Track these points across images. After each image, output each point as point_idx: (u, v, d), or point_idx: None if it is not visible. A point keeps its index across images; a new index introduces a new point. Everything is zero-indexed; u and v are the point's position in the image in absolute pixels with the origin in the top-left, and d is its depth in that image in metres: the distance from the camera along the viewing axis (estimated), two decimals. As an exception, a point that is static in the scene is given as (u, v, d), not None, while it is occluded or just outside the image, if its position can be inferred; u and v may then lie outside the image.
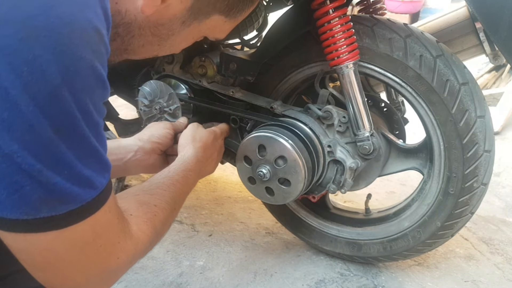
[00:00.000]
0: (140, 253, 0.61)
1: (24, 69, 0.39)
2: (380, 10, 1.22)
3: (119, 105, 1.61)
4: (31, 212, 0.44)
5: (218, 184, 1.80)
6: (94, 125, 0.46)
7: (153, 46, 0.63)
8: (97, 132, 0.47)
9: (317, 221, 1.26)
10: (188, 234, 1.41)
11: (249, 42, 1.37)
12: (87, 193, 0.47)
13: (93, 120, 0.46)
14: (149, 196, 0.69)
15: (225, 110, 1.15)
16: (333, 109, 1.02)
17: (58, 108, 0.42)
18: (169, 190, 0.75)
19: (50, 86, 0.40)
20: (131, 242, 0.58)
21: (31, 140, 0.41)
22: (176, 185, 0.78)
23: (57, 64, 0.40)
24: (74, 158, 0.44)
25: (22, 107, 0.40)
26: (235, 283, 1.17)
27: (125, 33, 0.58)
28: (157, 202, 0.69)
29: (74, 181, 0.45)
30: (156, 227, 0.65)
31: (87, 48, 0.43)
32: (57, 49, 0.40)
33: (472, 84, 0.94)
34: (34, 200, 0.43)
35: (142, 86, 1.20)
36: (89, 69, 0.44)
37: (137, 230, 0.60)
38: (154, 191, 0.72)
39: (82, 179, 0.46)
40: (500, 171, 1.96)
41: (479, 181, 0.98)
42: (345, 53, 0.93)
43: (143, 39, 0.60)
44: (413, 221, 1.09)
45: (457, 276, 1.23)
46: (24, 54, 0.39)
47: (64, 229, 0.47)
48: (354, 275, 1.21)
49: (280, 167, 0.98)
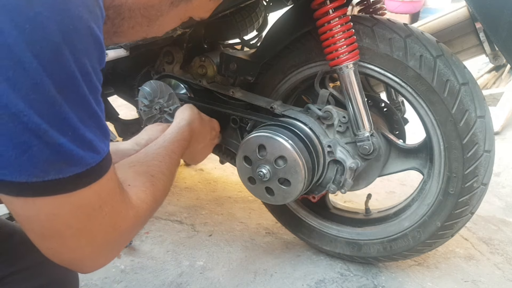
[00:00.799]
0: (141, 222, 0.62)
1: (26, 26, 0.39)
2: (380, 10, 1.22)
3: (119, 105, 1.62)
4: (40, 174, 0.44)
5: (218, 184, 1.80)
6: (93, 88, 0.47)
7: (142, 27, 0.64)
8: (96, 96, 0.48)
9: (317, 221, 1.26)
10: (188, 234, 1.41)
11: (249, 42, 1.37)
12: (90, 157, 0.48)
13: (92, 83, 0.47)
14: (146, 167, 0.70)
15: (225, 110, 1.15)
16: (333, 109, 1.02)
17: (60, 68, 0.42)
18: (165, 161, 0.76)
19: (51, 44, 0.41)
20: (132, 211, 0.59)
21: (36, 99, 0.41)
22: (171, 156, 0.80)
23: (56, 21, 0.41)
24: (76, 119, 0.45)
25: (26, 65, 0.40)
26: (235, 283, 1.17)
27: (115, 16, 0.59)
28: (154, 172, 0.70)
29: (78, 143, 0.46)
30: (155, 195, 0.66)
31: (83, 8, 0.44)
32: (56, 6, 0.41)
33: (472, 84, 0.94)
34: (42, 161, 0.43)
35: (142, 86, 1.20)
36: (87, 29, 0.44)
37: (136, 200, 0.61)
38: (150, 162, 0.73)
39: (85, 141, 0.47)
40: (500, 171, 1.96)
41: (479, 181, 0.98)
42: (345, 53, 0.93)
43: (133, 21, 0.61)
44: (413, 221, 1.09)
45: (457, 276, 1.22)
46: (26, 10, 0.39)
47: (71, 193, 0.47)
48: (354, 275, 1.21)
49: (280, 167, 0.98)
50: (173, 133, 0.88)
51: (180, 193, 1.70)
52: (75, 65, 0.43)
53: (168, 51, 1.25)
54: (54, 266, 0.54)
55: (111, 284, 1.15)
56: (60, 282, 0.82)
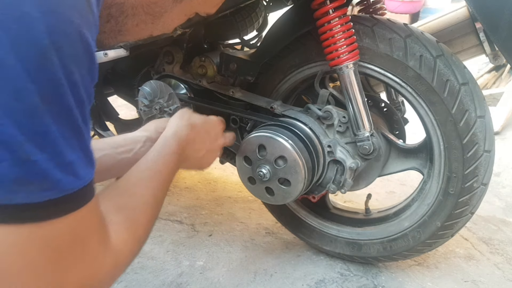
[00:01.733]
0: (121, 267, 0.55)
1: (12, 27, 0.36)
2: (380, 10, 1.22)
3: (119, 105, 1.61)
4: (7, 195, 0.39)
5: (218, 184, 1.80)
6: (80, 102, 0.43)
7: (147, 25, 0.61)
8: (83, 112, 0.43)
9: (317, 221, 1.26)
10: (188, 234, 1.41)
11: (249, 42, 1.37)
12: (69, 182, 0.42)
13: (80, 96, 0.42)
14: (127, 198, 0.61)
15: (225, 110, 1.15)
16: (333, 109, 1.02)
17: (46, 74, 0.39)
18: (151, 186, 0.67)
19: (38, 48, 0.38)
20: (111, 254, 0.51)
21: (16, 106, 0.37)
22: (158, 177, 0.69)
23: (45, 23, 0.38)
24: (58, 134, 0.40)
25: (8, 68, 0.37)
26: (235, 283, 1.17)
27: (118, 14, 0.57)
28: (137, 204, 0.62)
29: (56, 163, 0.40)
30: (138, 234, 0.59)
31: (75, 12, 0.41)
32: (45, 7, 0.38)
33: (472, 84, 0.94)
34: (11, 179, 0.38)
35: (142, 86, 1.20)
36: (77, 34, 0.41)
37: (116, 239, 0.53)
38: (133, 190, 0.64)
39: (65, 162, 0.41)
40: (500, 171, 1.96)
41: (479, 181, 0.98)
42: (345, 53, 0.93)
43: (137, 18, 0.59)
44: (413, 221, 1.09)
45: (457, 276, 1.22)
46: (12, 10, 0.36)
47: (41, 223, 0.41)
48: (354, 275, 1.21)
49: (280, 167, 0.98)
50: (158, 150, 0.76)
51: (180, 193, 1.70)
52: (62, 72, 0.39)
53: (168, 51, 1.25)
54: None
55: (111, 284, 1.15)
56: None
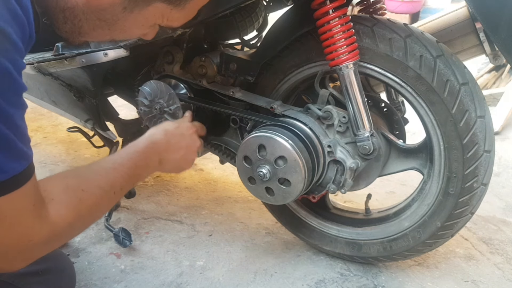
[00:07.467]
0: (59, 236, 0.64)
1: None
2: (380, 10, 1.22)
3: (119, 105, 1.61)
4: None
5: (218, 184, 1.80)
6: (5, 116, 0.50)
7: (104, 30, 0.66)
8: (7, 121, 0.51)
9: (317, 221, 1.26)
10: (188, 234, 1.41)
11: (249, 42, 1.37)
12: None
13: (4, 112, 0.50)
14: (79, 180, 0.69)
15: (225, 110, 1.15)
16: (333, 109, 1.02)
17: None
18: (106, 175, 0.74)
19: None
20: (47, 226, 0.61)
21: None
22: (118, 169, 0.77)
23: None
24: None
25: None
26: (235, 283, 1.17)
27: (72, 17, 0.62)
28: (86, 186, 0.69)
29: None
30: (80, 212, 0.66)
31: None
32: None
33: (472, 84, 0.94)
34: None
35: (142, 86, 1.20)
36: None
37: (54, 215, 0.62)
38: (87, 176, 0.72)
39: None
40: (500, 171, 1.96)
41: (479, 181, 0.98)
42: (345, 53, 0.93)
43: (91, 23, 0.63)
44: (413, 221, 1.09)
45: (457, 276, 1.23)
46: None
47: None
48: (354, 275, 1.21)
49: (280, 167, 0.98)
50: (126, 148, 0.85)
51: (180, 193, 1.70)
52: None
53: (168, 51, 1.25)
54: (53, 254, 0.57)
55: (111, 284, 1.15)
56: (57, 271, 0.84)
